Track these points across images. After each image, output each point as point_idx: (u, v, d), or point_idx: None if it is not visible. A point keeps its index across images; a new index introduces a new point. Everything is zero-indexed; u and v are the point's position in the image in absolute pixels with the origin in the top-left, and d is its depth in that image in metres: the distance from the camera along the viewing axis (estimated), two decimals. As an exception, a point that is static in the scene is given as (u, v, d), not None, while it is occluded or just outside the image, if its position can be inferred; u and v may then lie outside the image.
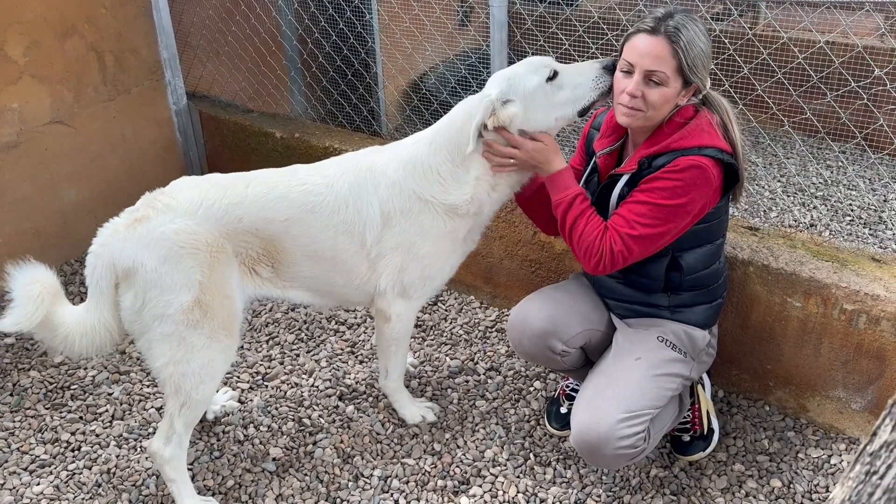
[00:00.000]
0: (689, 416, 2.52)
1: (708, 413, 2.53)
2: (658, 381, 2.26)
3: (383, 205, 2.33)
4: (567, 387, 2.71)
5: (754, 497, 2.40)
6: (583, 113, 2.29)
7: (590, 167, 2.42)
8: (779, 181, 3.77)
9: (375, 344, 2.65)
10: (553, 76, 2.23)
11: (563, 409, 2.68)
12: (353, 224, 2.33)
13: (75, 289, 3.53)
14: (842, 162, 3.89)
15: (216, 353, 2.24)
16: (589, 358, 2.52)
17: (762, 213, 3.42)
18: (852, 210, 3.47)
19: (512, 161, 2.28)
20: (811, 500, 2.39)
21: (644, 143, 2.23)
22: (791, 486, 2.44)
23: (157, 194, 2.34)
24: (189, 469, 2.56)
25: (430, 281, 2.45)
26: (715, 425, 2.56)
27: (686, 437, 2.52)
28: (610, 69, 2.22)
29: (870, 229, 3.32)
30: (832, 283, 2.46)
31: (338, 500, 2.43)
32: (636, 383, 2.23)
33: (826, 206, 3.55)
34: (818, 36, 2.92)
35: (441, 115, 3.35)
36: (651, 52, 2.08)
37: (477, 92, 2.36)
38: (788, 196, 3.63)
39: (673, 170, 2.11)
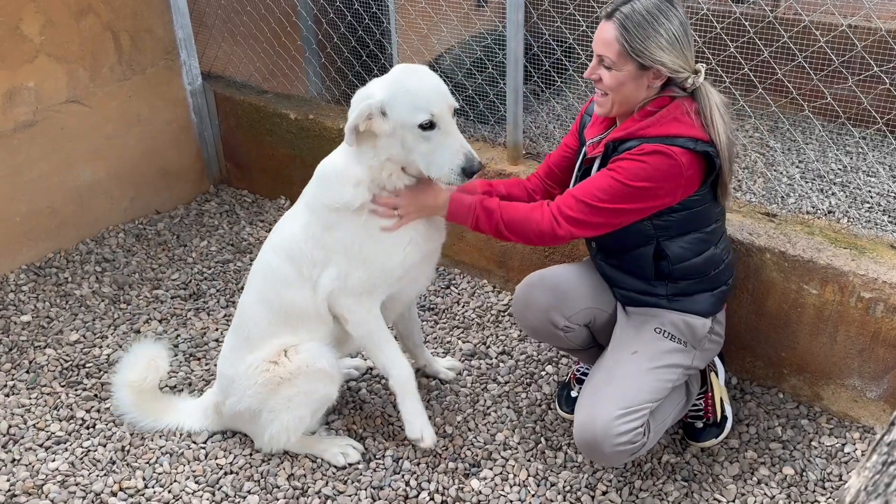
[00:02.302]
0: (701, 403, 2.51)
1: (721, 401, 2.52)
2: (656, 374, 2.26)
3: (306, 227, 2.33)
4: (578, 371, 2.71)
5: (766, 484, 2.39)
6: (430, 178, 2.17)
7: (580, 158, 2.39)
8: (797, 167, 3.73)
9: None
10: (428, 126, 2.09)
11: (574, 393, 2.67)
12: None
13: (90, 268, 3.55)
14: (862, 148, 3.83)
15: None
16: (597, 339, 2.51)
17: (780, 200, 3.38)
18: (871, 197, 3.43)
19: (397, 212, 2.24)
20: (824, 488, 2.38)
21: (616, 128, 2.23)
22: (804, 473, 2.42)
23: None
24: (202, 447, 2.59)
25: (380, 273, 2.31)
26: (728, 413, 2.55)
27: (699, 424, 2.51)
28: (468, 174, 2.10)
29: (889, 217, 3.28)
30: (850, 271, 2.44)
31: (349, 482, 2.45)
32: (633, 378, 2.24)
33: (845, 192, 3.50)
34: (840, 19, 2.87)
35: (455, 98, 3.34)
36: (601, 36, 2.12)
37: (492, 74, 2.33)
38: (807, 182, 3.59)
39: (638, 152, 2.11)
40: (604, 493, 2.38)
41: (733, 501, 2.34)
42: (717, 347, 2.44)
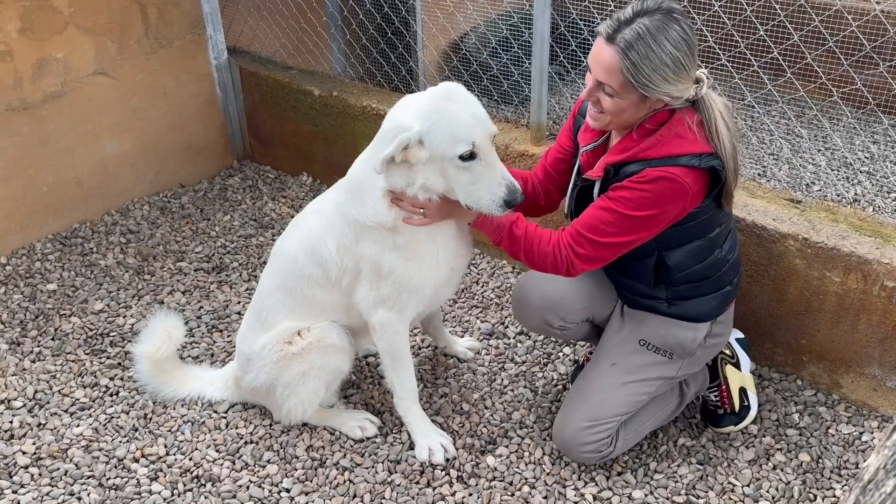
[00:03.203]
0: (717, 395, 2.51)
1: (743, 391, 2.51)
2: (629, 388, 2.31)
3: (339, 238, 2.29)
4: (591, 352, 2.72)
5: (782, 470, 2.40)
6: (469, 207, 2.11)
7: (575, 169, 2.33)
8: (823, 154, 3.69)
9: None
10: (469, 157, 2.03)
11: None
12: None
13: (115, 239, 3.60)
14: (890, 135, 3.78)
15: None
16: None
17: (804, 187, 3.35)
18: (899, 186, 3.39)
19: (422, 212, 2.17)
20: (840, 475, 2.38)
21: (613, 147, 2.14)
22: (820, 460, 2.42)
23: None
24: (223, 417, 2.63)
25: (410, 292, 2.28)
26: (752, 402, 2.53)
27: (719, 412, 2.52)
28: (510, 206, 2.06)
29: (916, 206, 3.25)
30: (874, 259, 2.42)
31: (366, 454, 2.48)
32: (604, 391, 2.31)
33: (871, 181, 3.46)
34: (873, 4, 2.82)
35: (480, 78, 3.33)
36: (602, 62, 1.97)
37: (517, 53, 2.30)
38: (833, 170, 3.55)
39: (640, 180, 2.02)
40: (619, 474, 2.39)
41: (748, 486, 2.35)
42: (714, 351, 2.42)
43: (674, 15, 1.95)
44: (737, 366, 2.54)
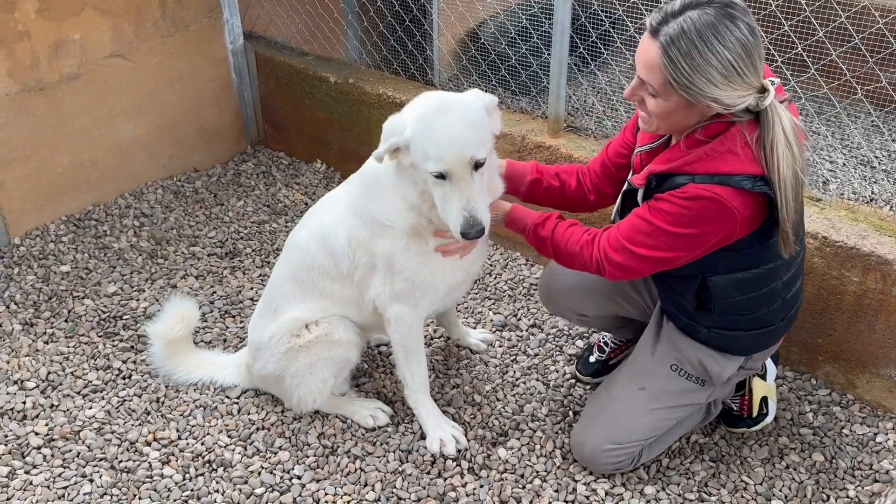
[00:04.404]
0: (738, 403, 2.47)
1: (764, 400, 2.47)
2: (656, 414, 2.25)
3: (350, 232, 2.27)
4: (601, 339, 2.72)
5: (795, 469, 2.38)
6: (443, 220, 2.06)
7: (629, 174, 2.18)
8: (841, 152, 3.65)
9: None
10: (441, 177, 1.97)
11: (592, 359, 2.71)
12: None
13: (129, 222, 3.60)
14: (910, 135, 3.75)
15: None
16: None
17: (820, 185, 3.32)
18: (918, 186, 3.36)
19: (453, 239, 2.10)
20: (853, 476, 2.36)
21: (661, 155, 1.99)
22: (834, 461, 2.41)
23: None
24: (235, 402, 2.63)
25: (423, 290, 2.27)
26: (771, 409, 2.49)
27: (735, 412, 2.50)
28: (464, 236, 1.96)
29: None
30: (894, 259, 2.39)
31: (377, 443, 2.48)
32: (630, 416, 2.24)
33: (889, 180, 3.43)
34: (900, 1, 2.78)
35: (497, 68, 3.29)
36: (644, 58, 1.82)
37: (536, 43, 2.24)
38: (851, 169, 3.52)
39: (681, 195, 1.86)
40: (631, 470, 2.38)
41: (760, 484, 2.34)
42: (747, 374, 2.36)
43: (730, 10, 1.74)
44: (763, 376, 2.49)
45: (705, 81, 1.75)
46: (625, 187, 2.16)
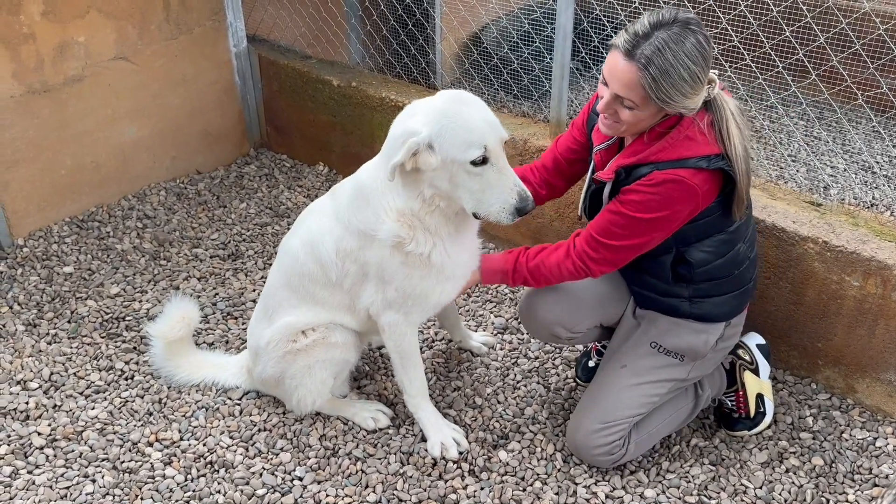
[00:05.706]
0: (734, 400, 2.51)
1: (760, 397, 2.50)
2: (640, 389, 2.32)
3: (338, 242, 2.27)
4: (599, 343, 2.74)
5: (794, 473, 2.39)
6: (476, 216, 2.12)
7: (589, 172, 2.35)
8: (842, 157, 3.66)
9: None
10: (482, 161, 2.00)
11: (592, 363, 2.72)
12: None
13: (132, 223, 3.61)
14: (911, 141, 3.76)
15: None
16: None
17: (821, 190, 3.33)
18: (919, 192, 3.37)
19: None
20: (853, 480, 2.37)
21: (625, 149, 2.15)
22: (833, 465, 2.42)
23: None
24: (237, 404, 2.64)
25: (414, 300, 2.27)
26: (769, 408, 2.52)
27: (734, 415, 2.52)
28: (521, 213, 2.04)
29: (935, 212, 3.22)
30: (894, 264, 2.40)
31: (378, 445, 2.49)
32: (614, 393, 2.32)
33: (890, 185, 3.44)
34: (900, 7, 2.80)
35: (500, 72, 3.31)
36: (621, 77, 1.95)
37: (538, 48, 2.27)
38: (852, 174, 3.53)
39: (648, 183, 2.04)
40: (631, 473, 2.39)
41: (760, 488, 2.34)
42: (724, 353, 2.43)
43: (690, 27, 1.92)
44: (756, 372, 2.52)
45: (680, 94, 1.94)
46: (591, 187, 2.30)
